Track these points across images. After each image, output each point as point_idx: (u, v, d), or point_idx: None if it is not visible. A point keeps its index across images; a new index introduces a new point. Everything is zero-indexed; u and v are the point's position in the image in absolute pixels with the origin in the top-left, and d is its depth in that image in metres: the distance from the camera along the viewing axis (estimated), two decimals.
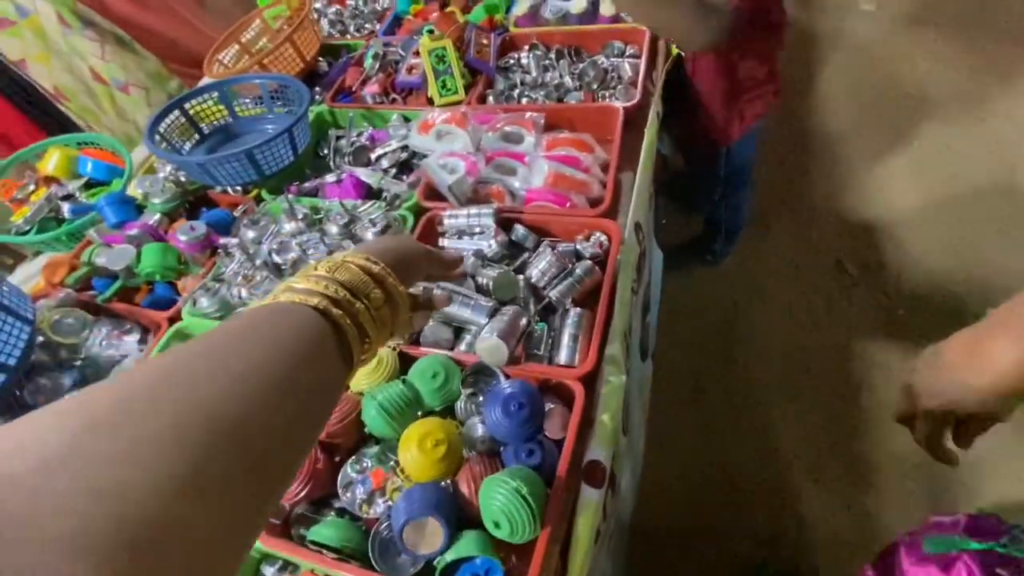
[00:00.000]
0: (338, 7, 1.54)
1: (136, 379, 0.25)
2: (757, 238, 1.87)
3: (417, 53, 1.16)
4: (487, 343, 0.68)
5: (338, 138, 1.18)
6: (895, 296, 1.67)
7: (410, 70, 1.15)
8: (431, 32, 1.16)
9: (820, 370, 1.56)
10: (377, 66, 1.21)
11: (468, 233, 0.88)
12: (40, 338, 0.89)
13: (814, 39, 2.52)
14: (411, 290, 0.47)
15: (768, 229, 1.90)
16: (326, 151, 1.17)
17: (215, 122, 1.16)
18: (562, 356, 0.73)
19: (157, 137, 1.04)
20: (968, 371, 0.46)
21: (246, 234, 0.96)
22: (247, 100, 1.19)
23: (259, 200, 1.06)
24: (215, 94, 1.13)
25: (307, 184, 1.08)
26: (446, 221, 0.90)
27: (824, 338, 1.61)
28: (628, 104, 1.03)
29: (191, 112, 1.11)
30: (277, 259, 0.90)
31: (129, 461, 0.21)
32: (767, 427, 1.49)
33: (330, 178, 1.06)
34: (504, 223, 0.90)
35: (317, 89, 1.29)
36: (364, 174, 1.02)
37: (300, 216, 0.97)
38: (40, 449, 0.20)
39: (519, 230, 0.87)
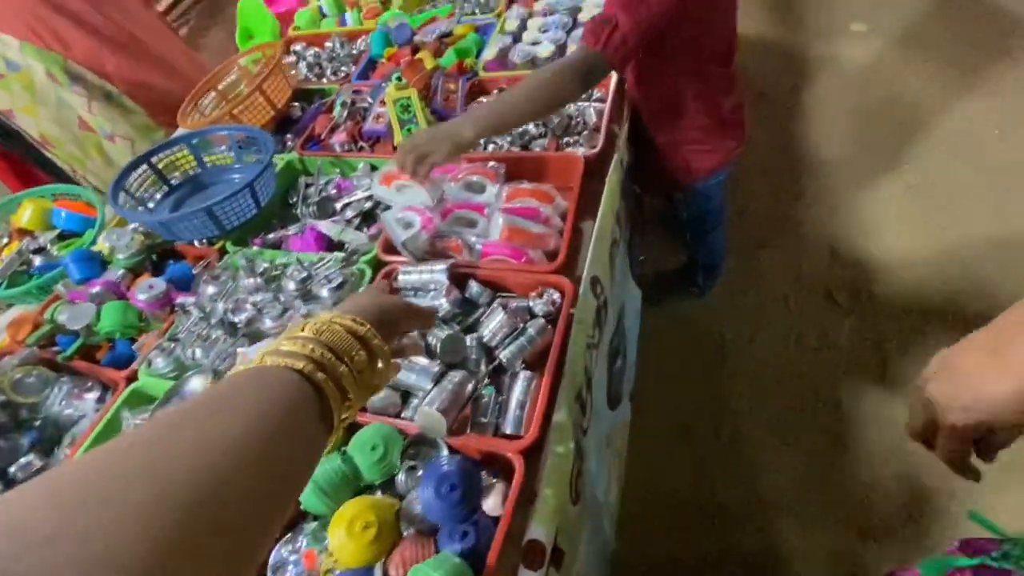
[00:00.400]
0: (317, 50, 1.56)
1: (121, 453, 0.26)
2: (746, 267, 1.84)
3: (384, 102, 1.16)
4: (427, 417, 0.66)
5: (307, 186, 1.18)
6: (887, 328, 1.62)
7: (377, 119, 1.16)
8: (398, 80, 1.17)
9: (811, 406, 1.52)
10: (345, 114, 1.22)
11: (422, 290, 0.87)
12: (1, 397, 0.90)
13: (805, 62, 2.50)
14: None
15: (758, 259, 1.87)
16: (295, 199, 1.17)
17: (186, 172, 1.17)
18: (508, 425, 0.71)
19: (123, 195, 1.04)
20: (988, 379, 0.42)
21: (206, 290, 0.96)
22: (222, 148, 1.20)
23: (224, 252, 1.07)
24: (183, 146, 1.14)
25: (271, 235, 1.08)
26: (400, 278, 0.89)
27: (815, 372, 1.57)
28: (590, 153, 1.02)
29: (159, 165, 1.12)
30: (233, 318, 0.89)
31: (118, 532, 0.22)
32: (757, 466, 1.45)
33: (293, 229, 1.06)
34: (459, 278, 0.89)
35: (289, 136, 1.30)
36: (325, 227, 1.02)
37: (259, 271, 0.96)
38: (37, 526, 0.22)
39: (473, 286, 0.86)
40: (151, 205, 1.12)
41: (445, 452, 0.68)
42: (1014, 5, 2.41)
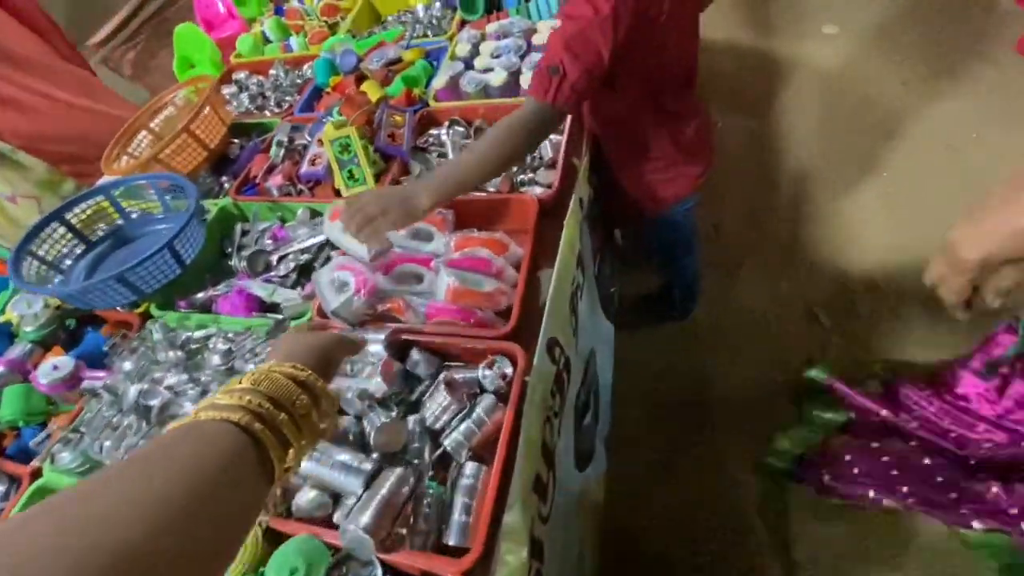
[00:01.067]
0: (260, 79, 1.45)
1: (61, 506, 0.27)
2: (725, 287, 1.77)
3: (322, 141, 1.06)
4: (352, 537, 0.57)
5: (244, 233, 1.09)
6: (873, 346, 1.56)
7: (314, 161, 1.06)
8: (339, 115, 1.08)
9: None
10: (282, 153, 1.12)
11: (359, 361, 0.78)
12: None
13: (776, 65, 2.44)
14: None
15: (736, 277, 1.80)
16: (230, 249, 1.07)
17: (108, 225, 1.06)
18: (451, 535, 0.62)
19: (28, 261, 0.93)
20: (1007, 208, 0.46)
21: (122, 366, 0.86)
22: (151, 193, 1.09)
23: (149, 316, 0.96)
24: (100, 199, 1.03)
25: (200, 295, 0.98)
26: None
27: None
28: (545, 194, 0.93)
29: (75, 221, 1.01)
30: (146, 402, 0.79)
31: None
32: (742, 503, 1.38)
33: (223, 288, 0.96)
34: (401, 346, 0.80)
35: (225, 178, 1.20)
36: (256, 286, 0.92)
37: (180, 343, 0.86)
38: None
39: (415, 356, 0.77)
40: (68, 264, 1.01)
41: (379, 573, 0.59)
42: (986, 5, 2.37)
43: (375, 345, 0.77)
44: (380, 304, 0.84)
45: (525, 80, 1.10)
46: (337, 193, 1.05)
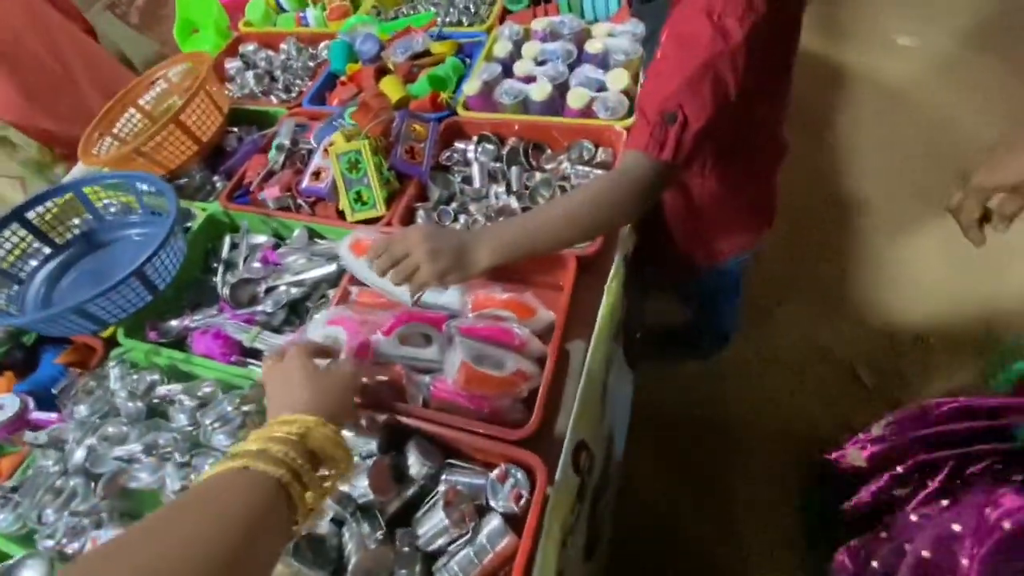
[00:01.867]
0: (269, 53, 1.28)
1: (117, 551, 0.33)
2: (758, 326, 1.61)
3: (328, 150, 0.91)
4: None
5: (233, 246, 0.95)
6: None
7: (318, 174, 0.91)
8: (351, 122, 0.92)
9: None
10: (283, 160, 0.97)
11: None
12: None
13: (841, 78, 2.21)
14: None
15: (772, 318, 1.64)
16: (216, 264, 0.93)
17: (78, 226, 0.93)
18: None
19: None
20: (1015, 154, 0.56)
21: (78, 411, 0.74)
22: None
23: (114, 343, 0.84)
24: (68, 195, 0.89)
25: (174, 324, 0.85)
26: None
27: None
28: (585, 250, 0.78)
29: (37, 223, 0.88)
30: (94, 469, 0.67)
31: None
32: None
33: (200, 320, 0.83)
34: (398, 435, 0.67)
35: (217, 177, 1.05)
36: (234, 329, 0.78)
37: (142, 389, 0.74)
38: None
39: (411, 456, 0.63)
40: (29, 270, 0.88)
41: None
42: None
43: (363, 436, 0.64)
44: (379, 369, 0.71)
45: (574, 97, 0.93)
46: (340, 215, 0.90)
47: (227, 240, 0.95)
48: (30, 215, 0.87)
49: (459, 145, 1.00)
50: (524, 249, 0.67)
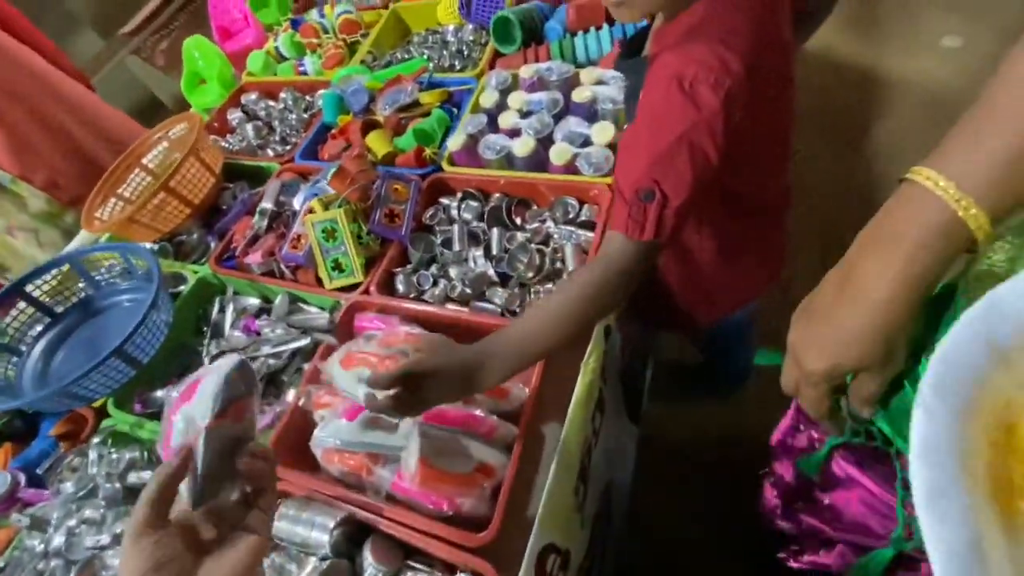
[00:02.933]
0: (269, 103, 1.30)
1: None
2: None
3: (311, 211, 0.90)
4: None
5: (221, 309, 0.96)
6: None
7: (296, 242, 0.90)
8: (329, 185, 0.91)
9: None
10: (266, 223, 0.97)
11: (302, 548, 0.64)
12: None
13: (881, 82, 2.06)
14: None
15: None
16: (206, 328, 0.95)
17: (76, 296, 0.96)
18: None
19: None
20: (842, 307, 0.39)
21: (64, 488, 0.76)
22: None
23: (104, 413, 0.86)
24: (65, 267, 0.92)
25: (160, 394, 0.86)
26: (274, 524, 0.66)
27: None
28: None
29: (36, 294, 0.91)
30: (69, 556, 0.69)
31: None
32: None
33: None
34: (357, 531, 0.65)
35: (211, 237, 1.07)
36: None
37: (121, 468, 0.75)
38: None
39: (367, 558, 0.61)
40: (30, 340, 0.92)
41: None
42: None
43: (319, 533, 0.62)
44: (343, 458, 0.69)
45: (557, 153, 0.89)
46: (319, 282, 0.89)
47: (216, 303, 0.96)
48: (29, 288, 0.90)
49: (444, 201, 0.98)
50: (526, 361, 0.64)
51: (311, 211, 0.90)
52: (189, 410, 0.45)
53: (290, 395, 0.79)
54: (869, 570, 0.62)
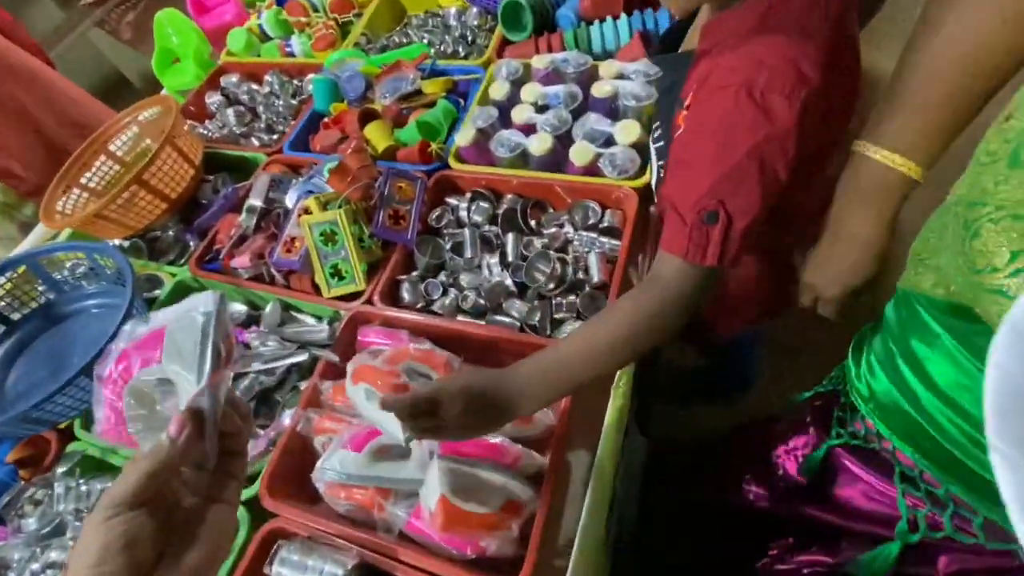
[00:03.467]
0: (251, 86, 1.19)
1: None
2: (790, 360, 1.49)
3: (306, 212, 0.82)
4: None
5: None
6: None
7: (290, 245, 0.81)
8: (327, 183, 0.83)
9: None
10: (255, 222, 0.88)
11: None
12: None
13: (878, 83, 2.04)
14: None
15: (799, 353, 1.52)
16: None
17: (35, 301, 0.85)
18: None
19: None
20: (841, 250, 0.59)
21: (25, 524, 0.67)
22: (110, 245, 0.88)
23: (70, 436, 0.76)
24: (22, 269, 0.82)
25: None
26: (275, 567, 0.58)
27: None
28: None
29: None
30: None
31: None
32: None
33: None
34: (369, 573, 0.58)
35: (189, 235, 0.97)
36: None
37: (92, 500, 0.66)
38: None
39: None
40: None
41: None
42: None
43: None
44: (349, 493, 0.62)
45: (578, 153, 0.82)
46: (316, 288, 0.81)
47: None
48: None
49: (451, 201, 0.90)
50: (563, 392, 0.58)
51: (306, 211, 0.81)
52: (165, 368, 0.38)
53: (286, 418, 0.71)
54: (876, 566, 0.62)
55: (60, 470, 0.70)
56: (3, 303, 0.82)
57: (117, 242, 0.97)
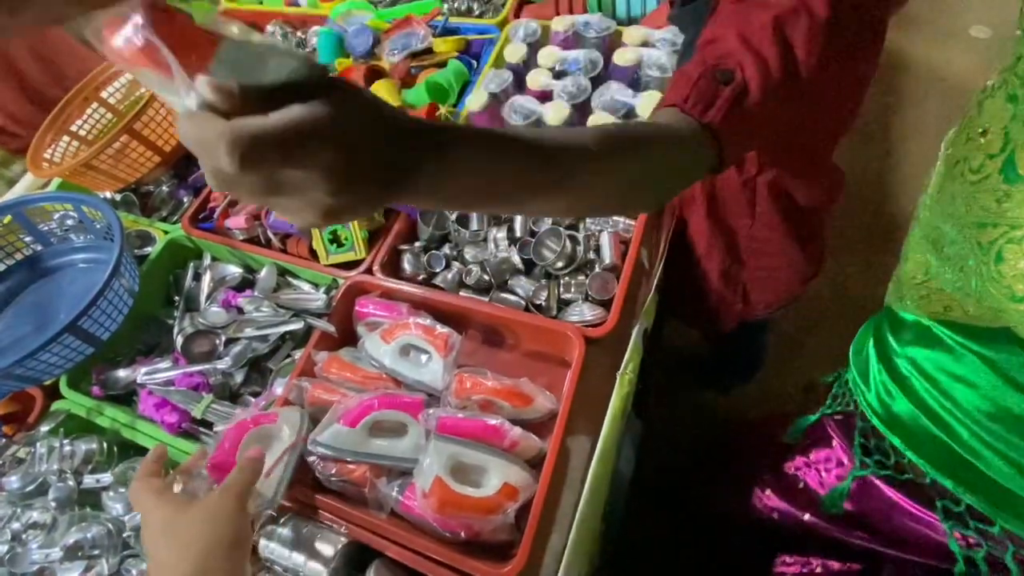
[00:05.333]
0: (256, 35, 1.13)
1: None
2: (790, 353, 1.47)
3: None
4: None
5: (198, 276, 0.84)
6: None
7: None
8: None
9: None
10: None
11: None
12: None
13: (904, 72, 1.97)
14: None
15: (802, 346, 1.50)
16: (178, 298, 0.83)
17: (21, 253, 0.82)
18: None
19: None
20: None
21: (8, 482, 0.65)
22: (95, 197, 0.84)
23: (56, 394, 0.74)
24: (7, 219, 0.78)
25: (122, 373, 0.75)
26: (262, 547, 0.57)
27: None
28: (592, 327, 0.65)
29: None
30: (12, 569, 0.59)
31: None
32: None
33: (144, 376, 0.72)
34: (358, 552, 0.56)
35: (183, 192, 0.93)
36: (180, 398, 0.68)
37: (76, 463, 0.65)
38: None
39: None
40: None
41: None
42: None
43: (318, 564, 0.54)
44: (338, 468, 0.60)
45: (596, 119, 0.78)
46: (313, 254, 0.78)
47: (190, 269, 0.84)
48: None
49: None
50: (505, 178, 0.36)
51: None
52: None
53: (278, 387, 0.69)
54: None
55: (44, 428, 0.68)
56: None
57: (108, 195, 0.93)
